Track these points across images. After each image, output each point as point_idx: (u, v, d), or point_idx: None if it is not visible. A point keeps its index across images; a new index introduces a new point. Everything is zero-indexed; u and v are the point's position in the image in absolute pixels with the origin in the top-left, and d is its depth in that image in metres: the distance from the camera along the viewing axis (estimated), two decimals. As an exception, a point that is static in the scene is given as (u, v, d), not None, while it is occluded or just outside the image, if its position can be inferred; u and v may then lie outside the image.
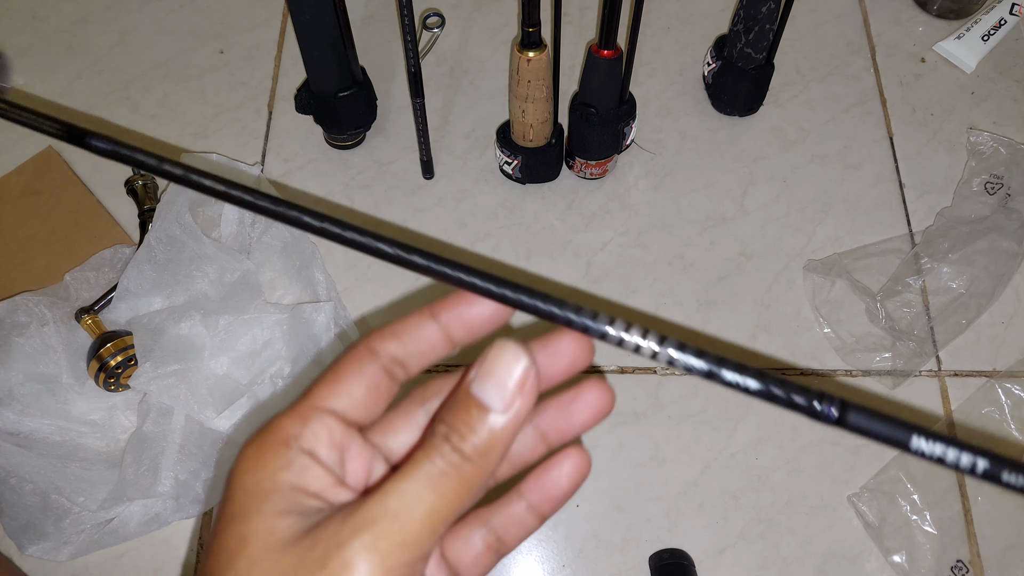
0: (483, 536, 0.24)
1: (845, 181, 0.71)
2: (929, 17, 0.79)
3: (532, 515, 0.24)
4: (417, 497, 0.19)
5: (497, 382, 0.20)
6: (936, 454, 0.19)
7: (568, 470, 0.24)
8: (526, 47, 0.58)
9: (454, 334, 0.24)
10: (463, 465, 0.20)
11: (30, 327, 0.59)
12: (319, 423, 0.21)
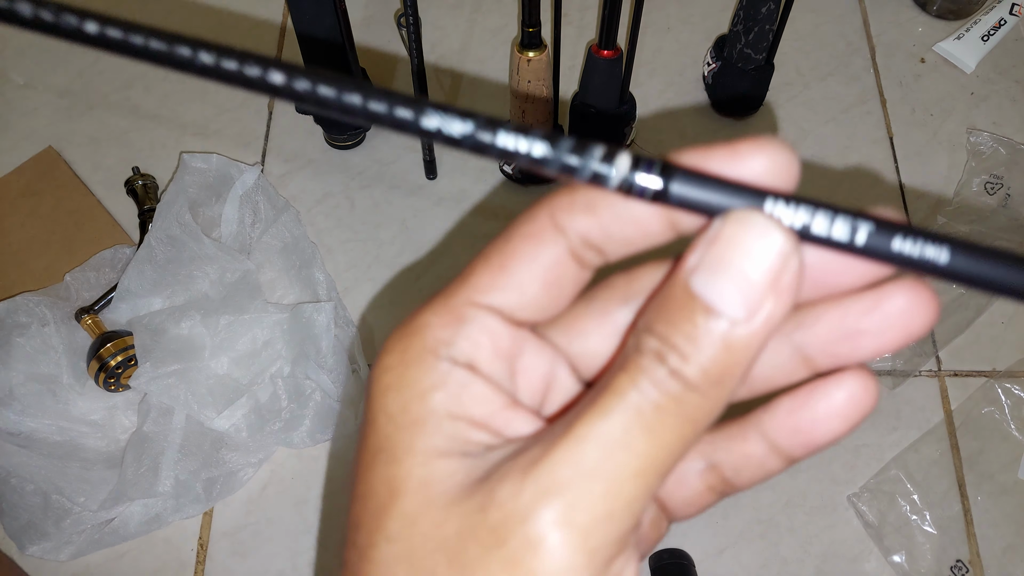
0: (703, 475, 0.18)
1: (845, 181, 0.72)
2: (929, 17, 0.79)
3: (776, 458, 0.18)
4: (625, 445, 0.14)
5: (735, 274, 0.14)
6: (799, 223, 0.14)
7: (841, 402, 0.16)
8: (526, 47, 0.58)
9: (677, 216, 0.16)
10: (686, 396, 0.14)
11: (31, 327, 0.59)
12: (478, 325, 0.16)
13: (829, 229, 0.14)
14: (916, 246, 0.15)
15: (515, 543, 0.14)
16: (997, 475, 0.61)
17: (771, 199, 0.15)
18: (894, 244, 0.15)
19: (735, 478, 0.18)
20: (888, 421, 0.62)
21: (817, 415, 0.17)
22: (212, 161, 0.66)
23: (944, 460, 0.61)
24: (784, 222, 0.14)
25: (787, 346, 0.17)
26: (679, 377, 0.14)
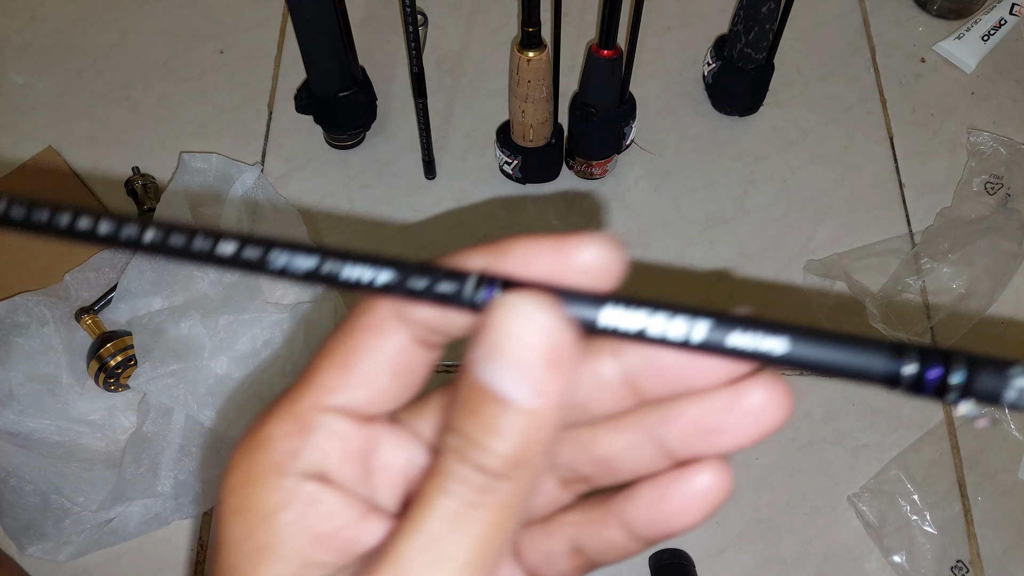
0: (569, 557, 0.19)
1: (845, 181, 0.71)
2: (929, 17, 0.79)
3: (635, 542, 0.18)
4: (444, 554, 0.14)
5: (511, 360, 0.14)
6: (633, 326, 0.15)
7: (696, 495, 0.17)
8: (526, 47, 0.58)
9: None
10: (494, 486, 0.14)
11: (30, 327, 0.59)
12: (326, 430, 0.16)
13: (665, 330, 0.15)
14: (754, 339, 0.15)
15: None
16: (997, 475, 0.60)
17: (611, 304, 0.15)
18: (730, 340, 0.15)
19: (600, 559, 0.19)
20: (888, 421, 0.62)
21: (673, 507, 0.17)
22: (212, 161, 0.66)
23: (944, 460, 0.61)
24: (620, 325, 0.15)
25: (650, 440, 0.17)
26: (483, 470, 0.14)
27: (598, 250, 0.15)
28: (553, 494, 0.19)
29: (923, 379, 0.15)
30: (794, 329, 0.15)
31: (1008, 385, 0.14)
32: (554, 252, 0.15)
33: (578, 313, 0.15)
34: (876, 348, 0.15)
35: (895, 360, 0.15)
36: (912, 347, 0.15)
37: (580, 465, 0.18)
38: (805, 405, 0.63)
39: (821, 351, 0.15)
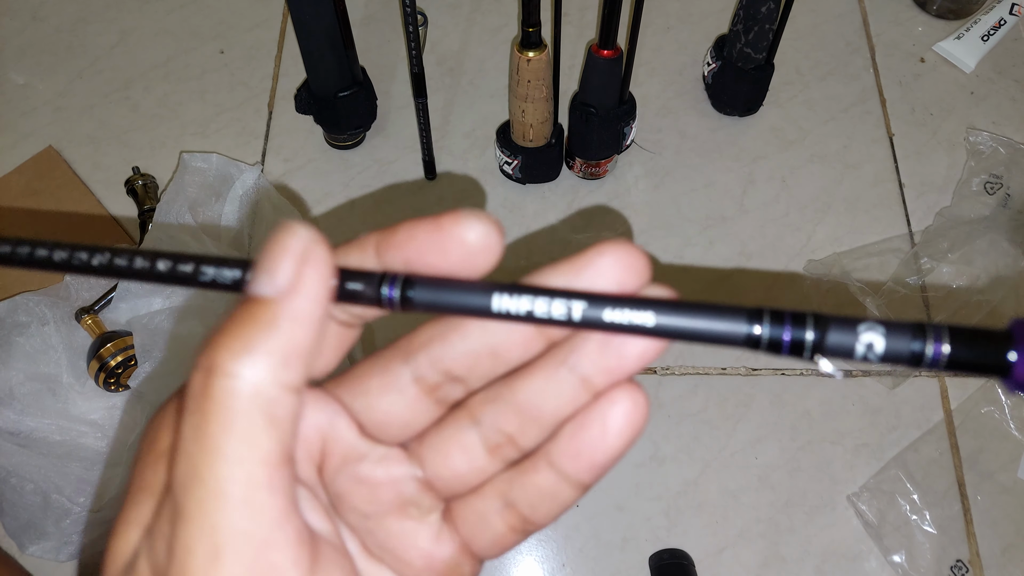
0: (502, 514, 0.19)
1: (845, 181, 0.72)
2: (928, 17, 0.79)
3: (567, 485, 0.19)
4: (196, 465, 0.16)
5: (268, 264, 0.16)
6: (522, 310, 0.17)
7: (615, 420, 0.18)
8: (526, 47, 0.58)
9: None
10: (233, 387, 0.16)
11: (30, 327, 0.59)
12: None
13: (549, 310, 0.17)
14: (625, 314, 0.17)
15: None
16: (997, 475, 0.61)
17: (497, 293, 0.17)
18: (606, 316, 0.17)
19: (533, 514, 0.19)
20: (888, 421, 0.62)
21: (594, 435, 0.18)
22: (212, 161, 0.66)
23: (944, 460, 0.61)
24: (513, 310, 0.17)
25: (564, 372, 0.18)
26: (219, 369, 0.16)
27: (476, 229, 0.17)
28: (481, 462, 0.19)
29: (780, 340, 0.16)
30: (658, 303, 0.17)
31: (857, 340, 0.16)
32: (434, 232, 0.18)
33: (472, 302, 0.17)
34: (735, 314, 0.16)
35: (752, 324, 0.16)
36: (767, 311, 0.17)
37: (504, 422, 0.19)
38: (805, 404, 0.63)
39: (686, 320, 0.17)
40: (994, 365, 0.16)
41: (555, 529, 0.59)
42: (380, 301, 0.17)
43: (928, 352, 0.16)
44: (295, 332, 0.16)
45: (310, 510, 0.19)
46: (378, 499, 0.20)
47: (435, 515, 0.20)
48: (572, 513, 0.59)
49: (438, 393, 0.20)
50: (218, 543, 0.15)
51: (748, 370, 0.64)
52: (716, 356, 0.64)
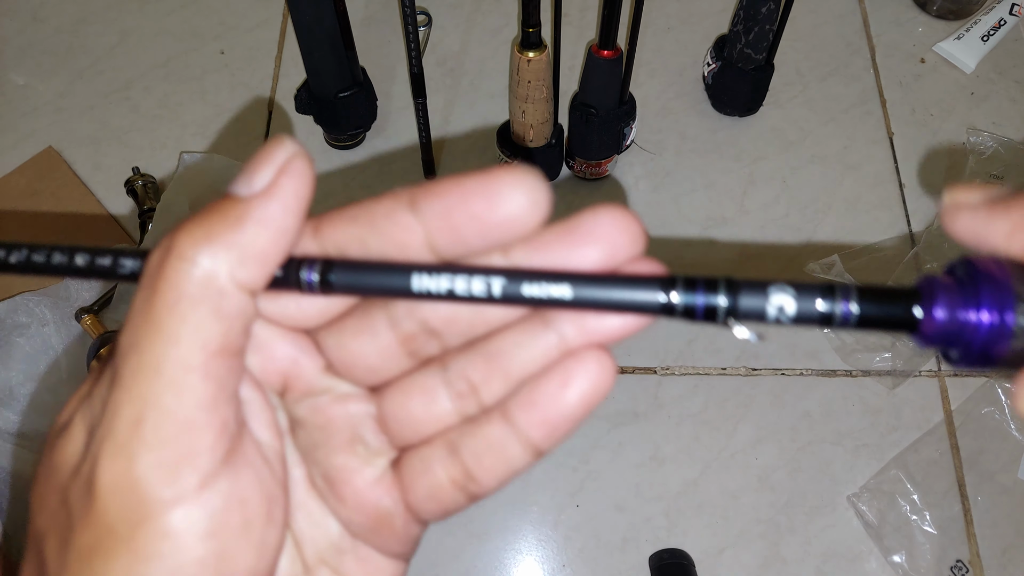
0: (444, 464, 0.19)
1: (845, 181, 0.72)
2: (929, 18, 0.79)
3: (517, 443, 0.18)
4: (157, 356, 0.16)
5: (249, 168, 0.17)
6: (443, 288, 0.17)
7: (576, 378, 0.17)
8: (526, 48, 0.58)
9: (436, 236, 0.18)
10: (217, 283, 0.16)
11: (31, 327, 0.59)
12: None
13: (469, 287, 0.17)
14: (543, 288, 0.17)
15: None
16: (997, 475, 0.60)
17: (415, 274, 0.17)
18: (525, 290, 0.17)
19: (476, 467, 0.19)
20: (888, 421, 0.62)
21: (552, 389, 0.17)
22: (212, 161, 0.66)
23: (944, 460, 0.61)
24: (434, 288, 0.17)
25: (545, 331, 0.18)
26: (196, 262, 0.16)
27: (524, 194, 0.17)
28: (439, 409, 0.19)
29: (693, 306, 0.17)
30: (574, 276, 0.17)
31: (768, 302, 0.16)
32: (484, 197, 0.17)
33: (392, 282, 0.17)
34: (649, 283, 0.17)
35: (667, 292, 0.17)
36: (680, 278, 0.17)
37: (471, 370, 0.19)
38: (805, 405, 0.63)
39: (602, 292, 0.17)
40: (903, 321, 0.16)
41: (555, 530, 0.59)
42: (300, 286, 0.18)
43: (838, 311, 0.16)
44: (259, 234, 0.17)
45: (260, 422, 0.19)
46: (330, 431, 0.20)
47: (382, 460, 0.20)
48: (572, 513, 0.59)
49: (413, 344, 0.19)
50: (142, 412, 0.16)
51: (748, 370, 0.64)
52: (716, 356, 0.64)
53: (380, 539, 0.20)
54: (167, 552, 0.16)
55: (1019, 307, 0.15)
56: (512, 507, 0.59)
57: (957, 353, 0.17)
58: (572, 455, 0.61)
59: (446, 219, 0.17)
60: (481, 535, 0.58)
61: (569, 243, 0.18)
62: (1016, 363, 0.16)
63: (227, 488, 0.17)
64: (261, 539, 0.17)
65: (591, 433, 0.62)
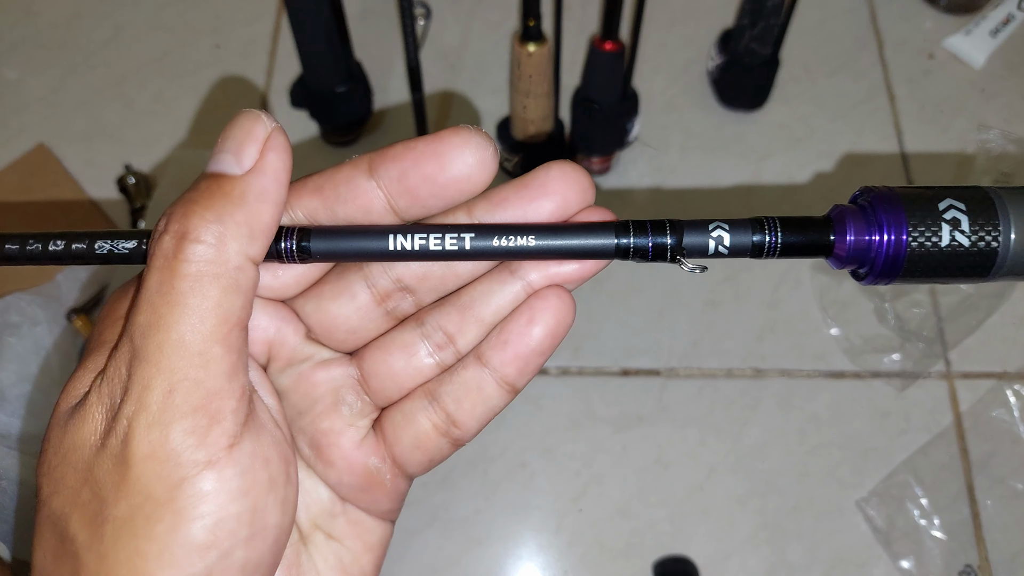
0: (427, 412, 0.20)
1: (853, 179, 0.70)
2: (937, 12, 0.78)
3: (493, 382, 0.20)
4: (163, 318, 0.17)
5: (232, 145, 0.18)
6: (417, 246, 0.18)
7: (540, 314, 0.19)
8: (527, 41, 0.57)
9: (397, 199, 0.19)
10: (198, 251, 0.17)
11: (22, 328, 0.58)
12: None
13: (443, 243, 0.18)
14: (510, 240, 0.18)
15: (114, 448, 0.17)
16: (1007, 479, 0.59)
17: (392, 235, 0.18)
18: (494, 242, 0.18)
19: (457, 410, 0.20)
20: (897, 424, 0.61)
21: (520, 326, 0.19)
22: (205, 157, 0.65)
23: (953, 464, 0.60)
24: (409, 247, 0.19)
25: (512, 279, 0.20)
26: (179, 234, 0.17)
27: (472, 153, 0.18)
28: (418, 363, 0.21)
29: (645, 247, 0.19)
30: (537, 227, 0.18)
31: (709, 237, 0.19)
32: (434, 159, 0.18)
33: (370, 245, 0.18)
34: (604, 230, 0.19)
35: (620, 237, 0.19)
36: (631, 223, 0.19)
37: (446, 321, 0.20)
38: (812, 408, 0.61)
39: (562, 239, 0.18)
40: (819, 246, 0.19)
41: (557, 535, 0.58)
42: (280, 255, 0.19)
43: (767, 241, 0.19)
44: (261, 208, 0.18)
45: (263, 389, 0.20)
46: (314, 396, 0.21)
47: (365, 421, 0.21)
48: (575, 518, 0.58)
49: (389, 303, 0.20)
50: (172, 384, 0.17)
51: (754, 372, 0.62)
52: (722, 358, 0.63)
53: (370, 498, 0.21)
54: (207, 511, 0.17)
55: (911, 223, 0.18)
56: (513, 512, 0.58)
57: (865, 270, 0.19)
58: (575, 459, 0.60)
59: (403, 182, 0.18)
60: (482, 540, 0.57)
61: (526, 198, 0.19)
62: (911, 276, 0.18)
63: (251, 448, 0.18)
64: (284, 496, 0.18)
65: (595, 436, 0.60)
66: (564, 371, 0.62)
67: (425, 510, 0.58)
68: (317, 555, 0.21)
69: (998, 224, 0.18)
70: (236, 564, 0.17)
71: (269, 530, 0.18)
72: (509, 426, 0.60)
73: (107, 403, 0.17)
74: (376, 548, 0.22)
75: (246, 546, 0.17)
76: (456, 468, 0.59)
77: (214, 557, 0.17)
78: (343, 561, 0.21)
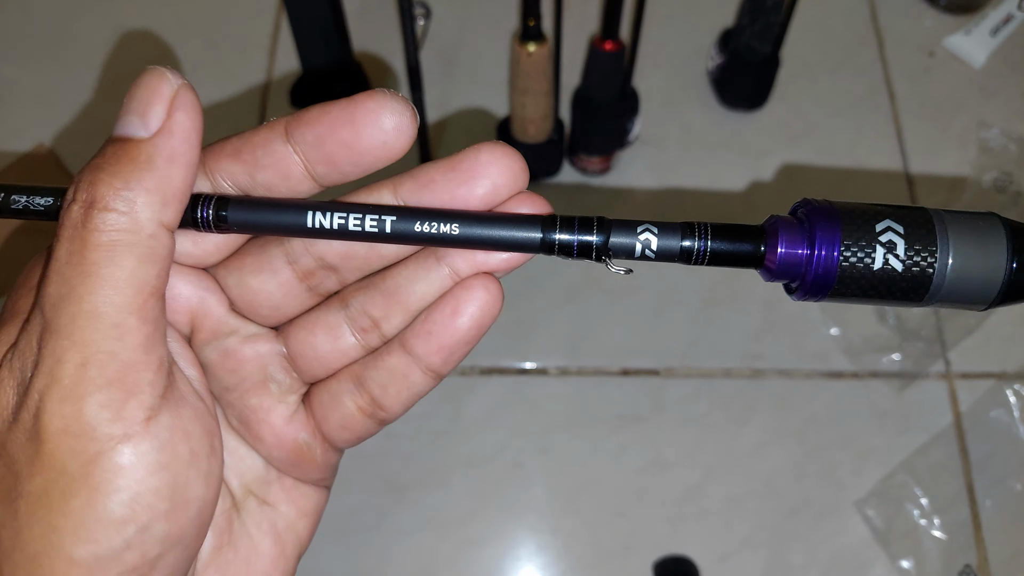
0: (353, 395, 0.20)
1: (853, 177, 0.70)
2: (937, 11, 0.78)
3: (418, 369, 0.20)
4: (74, 291, 0.16)
5: (138, 107, 0.17)
6: (336, 225, 0.18)
7: (466, 304, 0.19)
8: (527, 41, 0.57)
9: (314, 165, 0.18)
10: (114, 220, 0.16)
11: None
12: None
13: (362, 224, 0.18)
14: (433, 225, 0.18)
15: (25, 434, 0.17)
16: (1006, 479, 0.59)
17: (310, 212, 0.18)
18: (416, 227, 0.18)
19: (382, 396, 0.20)
20: (896, 424, 0.61)
21: (445, 315, 0.19)
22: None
23: (953, 464, 0.60)
24: (327, 225, 0.18)
25: (438, 265, 0.20)
26: (94, 205, 0.17)
27: (388, 118, 0.18)
28: (344, 344, 0.20)
29: (570, 243, 0.18)
30: (461, 215, 0.18)
31: (636, 239, 0.18)
32: (349, 108, 0.18)
33: (289, 220, 0.18)
34: (530, 223, 0.18)
35: (546, 231, 0.18)
36: (559, 218, 0.18)
37: (371, 305, 0.20)
38: (811, 408, 0.61)
39: (487, 230, 0.18)
40: (749, 256, 0.18)
41: (555, 536, 0.57)
42: (197, 223, 0.18)
43: (696, 247, 0.18)
44: (171, 172, 0.17)
45: (184, 360, 0.20)
46: (241, 373, 0.20)
47: (294, 397, 0.21)
48: (572, 520, 0.58)
49: (312, 280, 0.20)
50: (86, 356, 0.16)
51: (753, 372, 0.62)
52: (720, 358, 0.63)
53: (301, 470, 0.21)
54: (123, 485, 0.16)
55: (845, 242, 0.17)
56: (510, 513, 0.58)
57: (795, 285, 0.18)
58: (572, 459, 0.60)
59: (319, 148, 0.18)
60: (478, 541, 0.57)
61: (453, 181, 0.19)
62: (844, 294, 0.18)
63: (170, 421, 0.17)
64: (208, 469, 0.18)
65: (592, 437, 0.60)
66: (562, 371, 0.62)
67: (420, 511, 0.58)
68: (250, 521, 0.21)
69: (935, 250, 0.17)
70: (156, 537, 0.17)
71: (192, 503, 0.18)
72: (506, 426, 0.60)
73: (18, 377, 0.17)
74: (311, 514, 0.22)
75: (166, 519, 0.17)
76: (452, 468, 0.59)
77: (132, 531, 0.16)
78: (277, 526, 0.21)
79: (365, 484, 0.58)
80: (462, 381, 0.61)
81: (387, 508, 0.58)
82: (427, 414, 0.59)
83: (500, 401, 0.61)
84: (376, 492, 0.58)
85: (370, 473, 0.58)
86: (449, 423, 0.60)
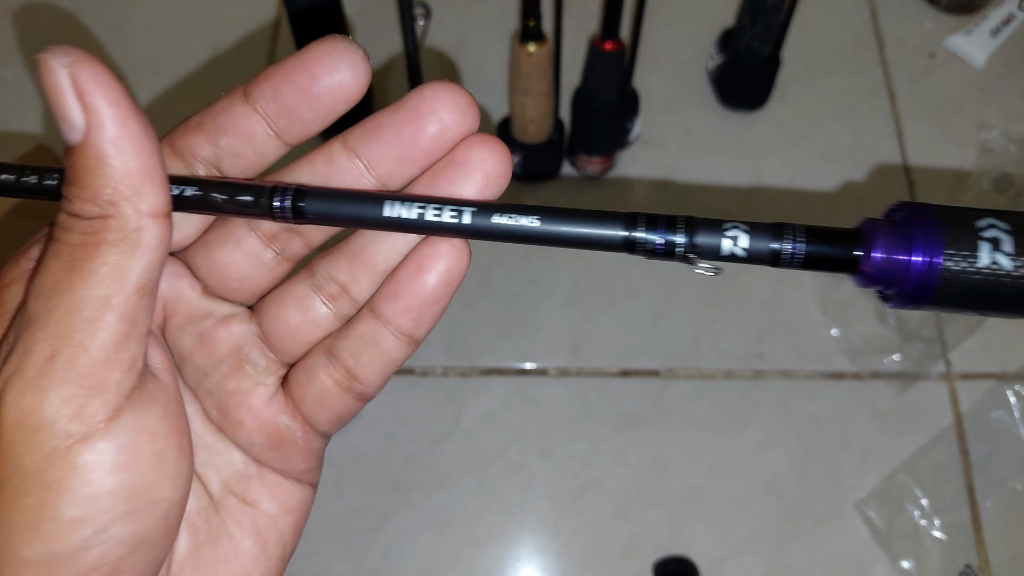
0: (327, 369, 0.20)
1: (854, 178, 0.70)
2: (937, 12, 0.78)
3: (388, 333, 0.19)
4: (65, 292, 0.16)
5: (58, 112, 0.16)
6: (412, 215, 0.17)
7: (430, 261, 0.19)
8: (527, 41, 0.57)
9: (275, 120, 0.18)
10: (90, 226, 0.16)
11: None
12: None
13: (441, 216, 0.18)
14: (513, 219, 0.18)
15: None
16: (1007, 480, 0.59)
17: (388, 202, 0.18)
18: (494, 220, 0.18)
19: (356, 365, 0.20)
20: (896, 425, 0.61)
21: (410, 275, 0.19)
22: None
23: (953, 465, 0.60)
24: (405, 215, 0.18)
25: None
26: (76, 215, 0.16)
27: (340, 59, 0.18)
28: (314, 314, 0.20)
29: (653, 243, 0.18)
30: (543, 209, 0.18)
31: (723, 237, 0.18)
32: (304, 70, 0.18)
33: (364, 212, 0.18)
34: (612, 220, 0.17)
35: (629, 229, 0.17)
36: (642, 216, 0.18)
37: (336, 270, 0.20)
38: (812, 409, 0.61)
39: (568, 225, 0.17)
40: (845, 261, 0.17)
41: (555, 537, 0.57)
42: (272, 213, 0.18)
43: (787, 249, 0.17)
44: (126, 160, 0.16)
45: (157, 358, 0.19)
46: (217, 356, 0.20)
47: (272, 379, 0.21)
48: (572, 520, 0.58)
49: (276, 244, 0.20)
50: (56, 348, 0.16)
51: (754, 372, 0.62)
52: (721, 358, 0.63)
53: (284, 457, 0.21)
54: (78, 486, 0.16)
55: (947, 249, 0.16)
56: (510, 514, 0.58)
57: (893, 292, 0.17)
58: (573, 460, 0.60)
59: (277, 100, 0.18)
60: (479, 542, 0.57)
61: (399, 122, 0.19)
62: (944, 302, 0.17)
63: (133, 422, 0.17)
64: (175, 470, 0.18)
65: (592, 437, 0.60)
66: (562, 372, 0.62)
67: (421, 512, 0.58)
68: (229, 519, 0.21)
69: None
70: (116, 539, 0.16)
71: (158, 504, 0.17)
72: (506, 427, 0.60)
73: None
74: (295, 511, 0.22)
75: (128, 521, 0.17)
76: (453, 469, 0.59)
77: (89, 532, 0.16)
78: (258, 524, 0.21)
79: (366, 486, 0.58)
80: (462, 382, 0.60)
81: (389, 510, 0.58)
82: (428, 416, 0.59)
83: (501, 402, 0.61)
84: (378, 494, 0.58)
85: (371, 475, 0.58)
86: (450, 424, 0.60)
